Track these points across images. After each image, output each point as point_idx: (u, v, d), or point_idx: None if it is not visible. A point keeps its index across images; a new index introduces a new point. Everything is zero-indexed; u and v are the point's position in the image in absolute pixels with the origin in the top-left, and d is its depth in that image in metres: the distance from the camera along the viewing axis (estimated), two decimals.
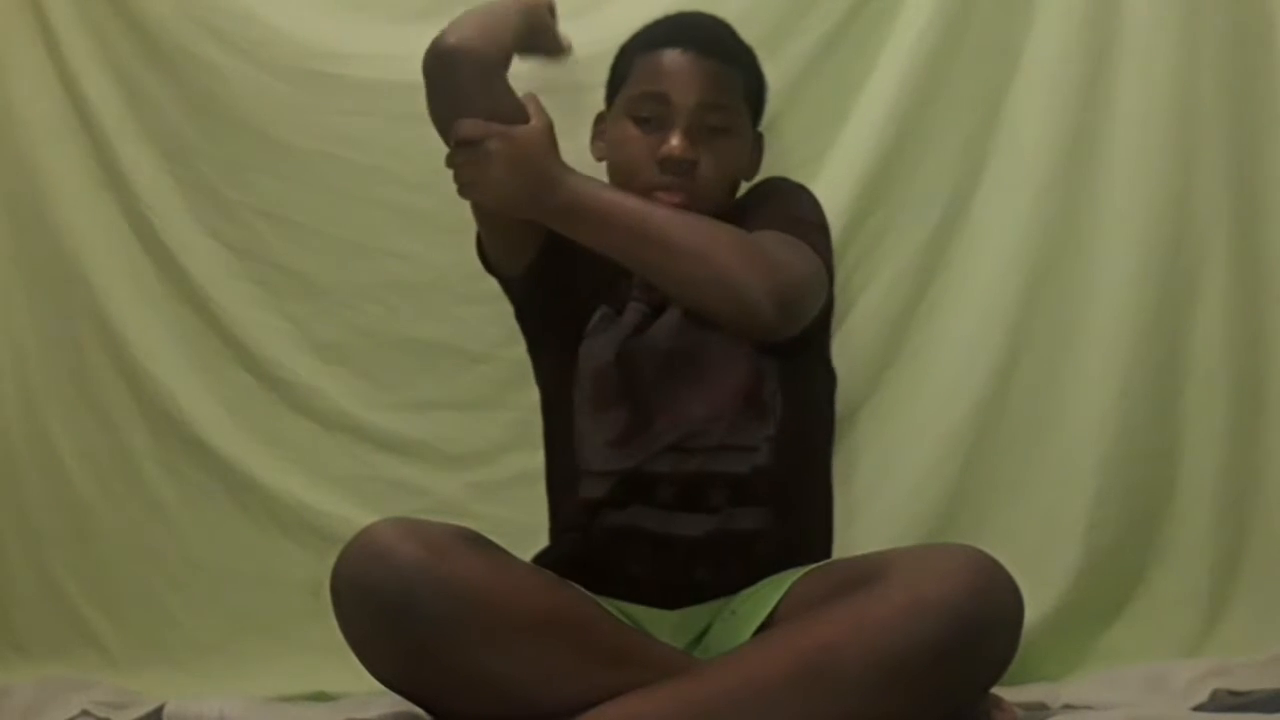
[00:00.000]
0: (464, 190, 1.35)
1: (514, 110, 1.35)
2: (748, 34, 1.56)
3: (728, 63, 1.47)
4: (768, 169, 1.59)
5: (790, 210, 1.47)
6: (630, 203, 1.35)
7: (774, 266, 1.33)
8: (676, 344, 1.38)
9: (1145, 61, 1.73)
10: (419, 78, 1.79)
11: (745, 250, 1.33)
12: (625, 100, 1.46)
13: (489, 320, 1.77)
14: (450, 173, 1.79)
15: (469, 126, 1.32)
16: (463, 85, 1.33)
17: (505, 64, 1.38)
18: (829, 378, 1.53)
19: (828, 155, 1.77)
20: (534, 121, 1.35)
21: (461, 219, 1.76)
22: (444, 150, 1.66)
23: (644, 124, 1.44)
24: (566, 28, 1.64)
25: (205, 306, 1.85)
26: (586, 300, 1.43)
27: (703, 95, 1.43)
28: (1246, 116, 1.73)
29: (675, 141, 1.41)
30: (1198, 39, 1.72)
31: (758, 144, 1.55)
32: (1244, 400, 1.72)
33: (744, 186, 1.56)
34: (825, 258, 1.44)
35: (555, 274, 1.45)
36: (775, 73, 1.59)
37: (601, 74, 1.56)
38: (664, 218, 1.35)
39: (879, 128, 1.76)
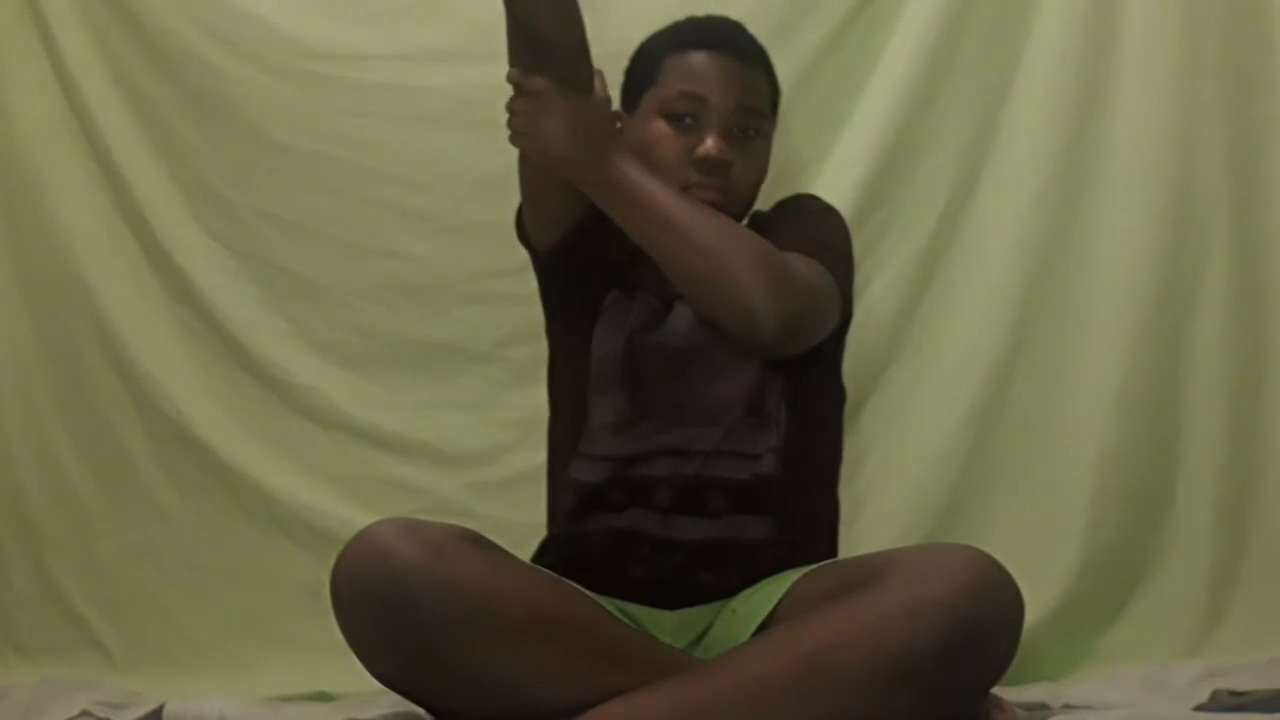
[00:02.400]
0: (515, 138, 1.36)
1: (586, 80, 1.35)
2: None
3: (758, 67, 1.49)
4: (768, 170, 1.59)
5: (818, 234, 1.47)
6: (666, 192, 1.36)
7: (789, 284, 1.33)
8: (685, 344, 1.38)
9: (1145, 61, 1.73)
10: (419, 80, 1.81)
11: (764, 261, 1.33)
12: (659, 100, 1.46)
13: (490, 321, 1.78)
14: (450, 174, 1.80)
15: (538, 82, 1.32)
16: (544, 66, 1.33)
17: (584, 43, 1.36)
18: (839, 395, 1.53)
19: (829, 155, 1.78)
20: (599, 93, 1.36)
21: (462, 219, 1.77)
22: (444, 153, 1.67)
23: (678, 124, 1.44)
24: None
25: (204, 307, 1.85)
26: (605, 283, 1.44)
27: (739, 99, 1.44)
28: (1246, 115, 1.73)
29: (712, 142, 1.42)
30: (1198, 39, 1.72)
31: None
32: (1244, 400, 1.72)
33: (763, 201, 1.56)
34: (844, 286, 1.44)
35: (584, 252, 1.46)
36: (778, 73, 1.59)
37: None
38: (693, 212, 1.35)
39: (880, 128, 1.76)
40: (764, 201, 1.54)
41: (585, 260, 1.45)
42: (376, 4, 1.87)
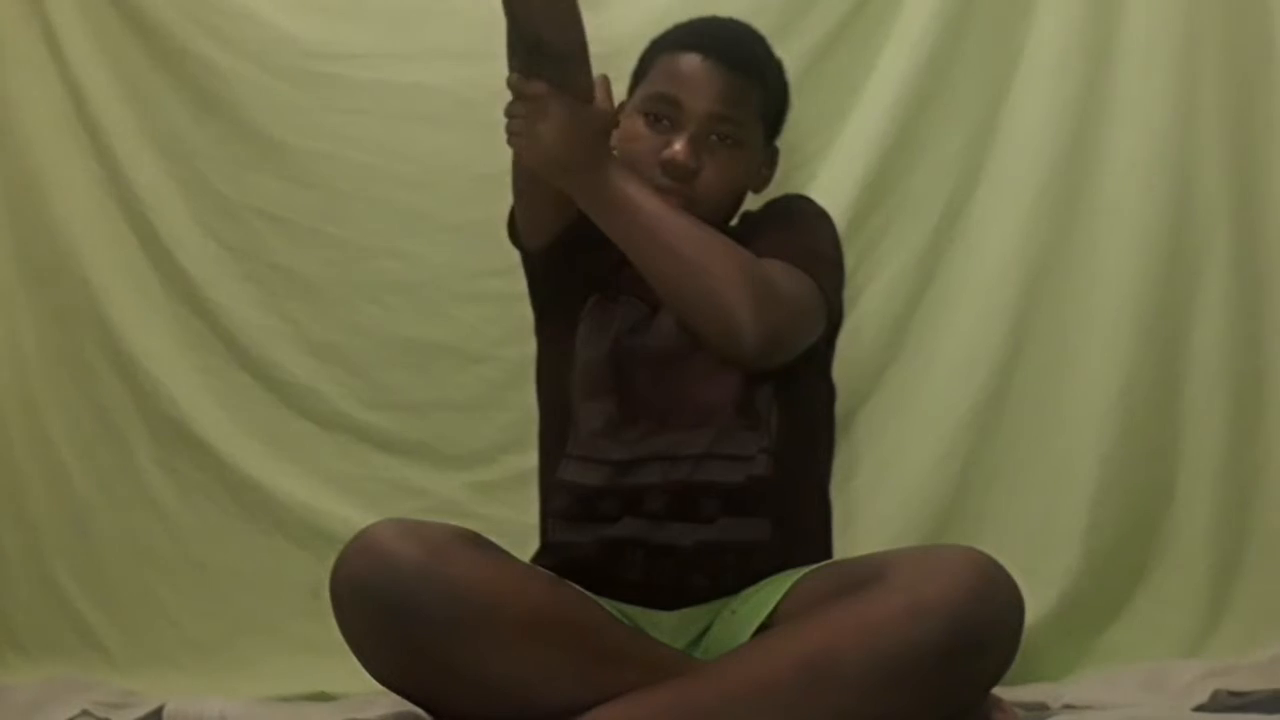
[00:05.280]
0: (512, 140, 1.36)
1: (585, 88, 1.35)
2: None
3: (748, 75, 1.45)
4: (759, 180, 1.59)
5: (808, 241, 1.46)
6: (654, 204, 1.36)
7: (773, 299, 1.33)
8: (671, 347, 1.37)
9: (1145, 61, 1.73)
10: (418, 78, 1.81)
11: (749, 276, 1.32)
12: (640, 97, 1.46)
13: (488, 320, 1.78)
14: (449, 173, 1.81)
15: (537, 87, 1.32)
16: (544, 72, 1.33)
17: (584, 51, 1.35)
18: (829, 393, 1.52)
19: (828, 155, 1.78)
20: (600, 104, 1.36)
21: (461, 218, 1.77)
22: (444, 152, 1.66)
23: (654, 123, 1.43)
24: None
25: (204, 306, 1.85)
26: (592, 286, 1.44)
27: (715, 105, 1.42)
28: (1246, 116, 1.74)
29: (679, 146, 1.41)
30: (1198, 39, 1.72)
31: (771, 159, 1.54)
32: (1244, 400, 1.72)
33: (756, 199, 1.56)
34: (831, 294, 1.43)
35: (573, 255, 1.46)
36: None
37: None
38: (680, 226, 1.35)
39: (879, 127, 1.76)
40: (757, 200, 1.54)
41: (574, 263, 1.45)
42: (376, 3, 1.87)
